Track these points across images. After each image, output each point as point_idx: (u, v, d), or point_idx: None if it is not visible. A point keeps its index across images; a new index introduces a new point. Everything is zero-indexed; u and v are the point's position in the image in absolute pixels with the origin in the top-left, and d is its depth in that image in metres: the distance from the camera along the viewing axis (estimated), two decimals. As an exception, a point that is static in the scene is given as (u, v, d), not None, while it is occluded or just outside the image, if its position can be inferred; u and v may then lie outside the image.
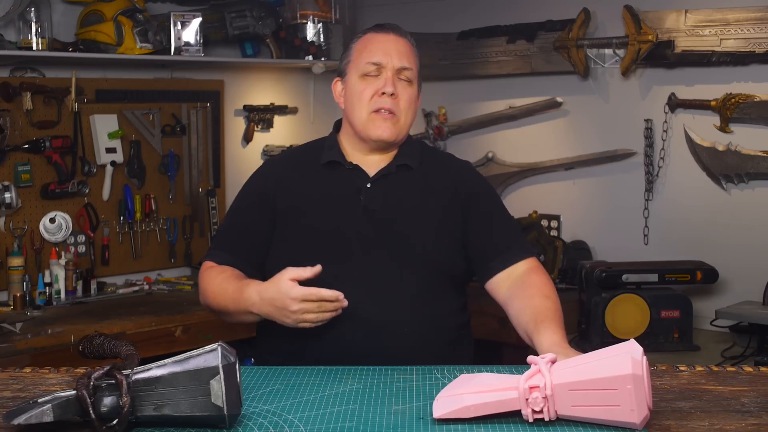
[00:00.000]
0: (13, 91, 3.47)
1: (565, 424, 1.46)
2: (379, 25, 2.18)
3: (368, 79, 2.10)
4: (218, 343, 1.45)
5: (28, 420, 1.40)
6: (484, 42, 4.10)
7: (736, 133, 3.44)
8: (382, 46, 2.11)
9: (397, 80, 2.09)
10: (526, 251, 2.10)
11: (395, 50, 2.10)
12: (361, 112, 2.09)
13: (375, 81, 2.09)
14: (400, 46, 2.12)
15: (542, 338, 1.83)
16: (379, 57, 2.09)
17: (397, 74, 2.10)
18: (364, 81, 2.10)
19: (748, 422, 1.48)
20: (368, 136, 2.10)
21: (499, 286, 2.07)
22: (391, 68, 2.09)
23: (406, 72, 2.10)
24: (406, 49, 2.13)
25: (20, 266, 3.45)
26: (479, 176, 2.24)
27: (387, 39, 2.12)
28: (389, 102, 2.08)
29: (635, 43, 3.57)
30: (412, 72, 2.12)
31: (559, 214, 3.95)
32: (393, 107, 2.08)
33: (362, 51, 2.12)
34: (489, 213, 2.14)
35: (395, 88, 2.08)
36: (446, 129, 4.28)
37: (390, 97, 2.08)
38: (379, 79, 2.09)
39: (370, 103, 2.08)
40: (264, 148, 4.33)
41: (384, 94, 2.07)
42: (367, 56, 2.10)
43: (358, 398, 1.63)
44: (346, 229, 2.06)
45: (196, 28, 3.77)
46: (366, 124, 2.09)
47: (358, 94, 2.10)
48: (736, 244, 3.44)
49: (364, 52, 2.11)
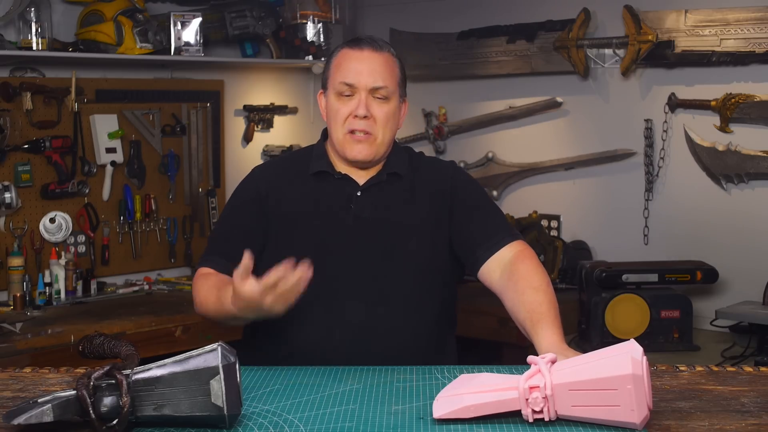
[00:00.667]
0: (13, 91, 3.47)
1: (565, 424, 1.46)
2: (355, 40, 2.13)
3: (343, 99, 2.07)
4: (218, 343, 1.45)
5: (28, 420, 1.40)
6: (484, 42, 4.10)
7: (736, 133, 3.44)
8: (356, 65, 2.06)
9: (372, 99, 2.06)
10: (510, 235, 2.07)
11: (368, 70, 2.06)
12: (337, 131, 2.08)
13: (349, 101, 2.06)
14: (374, 64, 2.07)
15: (541, 339, 1.82)
16: (351, 77, 2.05)
17: (370, 94, 2.06)
18: (339, 100, 2.07)
19: (748, 422, 1.48)
20: (345, 156, 2.09)
21: (490, 274, 2.04)
22: (364, 89, 2.05)
23: (380, 91, 2.06)
24: (381, 65, 2.07)
25: (20, 266, 3.45)
26: (462, 172, 2.22)
27: (361, 57, 2.07)
28: (363, 124, 2.05)
29: (635, 43, 3.57)
30: (388, 89, 2.07)
31: (559, 214, 3.95)
32: (367, 128, 2.05)
33: (338, 69, 2.08)
34: (471, 204, 2.12)
35: (368, 110, 2.05)
36: (446, 129, 4.28)
37: (363, 120, 2.05)
38: (352, 100, 2.06)
39: (345, 123, 2.06)
40: (264, 148, 4.33)
41: (357, 117, 2.05)
42: (341, 76, 2.07)
43: (358, 398, 1.63)
44: (338, 238, 2.06)
45: (196, 28, 3.77)
46: (342, 144, 2.08)
47: (334, 113, 2.08)
48: (736, 244, 3.44)
49: (339, 70, 2.08)
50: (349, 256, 2.05)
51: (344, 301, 2.03)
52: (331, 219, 2.08)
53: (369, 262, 2.05)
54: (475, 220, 2.10)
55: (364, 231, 2.07)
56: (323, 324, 1.99)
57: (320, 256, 2.04)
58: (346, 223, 2.07)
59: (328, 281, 2.02)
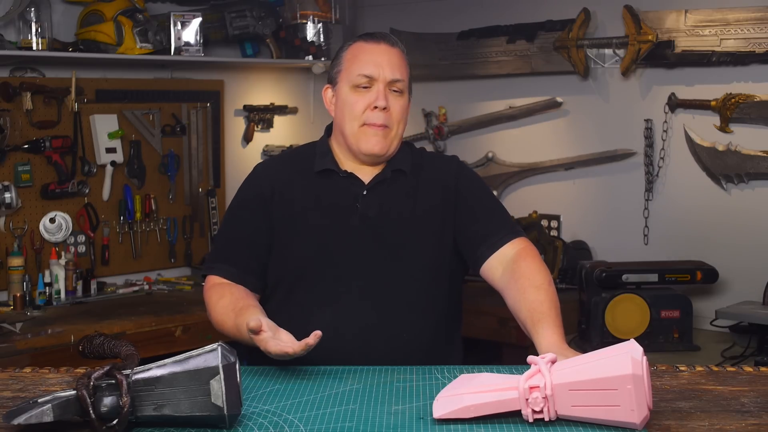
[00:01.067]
0: (13, 91, 3.47)
1: (565, 424, 1.46)
2: (369, 34, 2.14)
3: (360, 91, 2.06)
4: (218, 343, 1.45)
5: (28, 420, 1.40)
6: (484, 42, 4.10)
7: (736, 133, 3.44)
8: (373, 57, 2.07)
9: (389, 92, 2.06)
10: (513, 232, 2.07)
11: (387, 62, 2.07)
12: (352, 124, 2.07)
13: (367, 93, 2.06)
14: (392, 57, 2.08)
15: (541, 339, 1.82)
16: (370, 69, 2.06)
17: (388, 86, 2.06)
18: (356, 93, 2.07)
19: (748, 422, 1.48)
20: (359, 149, 2.08)
21: (492, 272, 2.04)
22: (383, 81, 2.06)
23: (397, 84, 2.07)
24: (398, 59, 2.09)
25: (20, 266, 3.45)
26: (466, 168, 2.22)
27: (378, 50, 2.08)
28: (381, 116, 2.05)
29: (635, 43, 3.57)
30: (404, 83, 2.09)
31: (559, 214, 3.95)
32: (385, 121, 2.06)
33: (353, 61, 2.08)
34: (474, 201, 2.12)
35: (387, 102, 2.05)
36: (446, 129, 4.28)
37: (382, 111, 2.05)
38: (371, 92, 2.06)
39: (362, 116, 2.06)
40: (264, 148, 4.33)
41: (376, 108, 2.05)
42: (358, 68, 2.06)
43: (358, 398, 1.63)
44: (344, 238, 2.06)
45: (196, 28, 3.77)
46: (357, 137, 2.07)
47: (349, 106, 2.07)
48: (736, 244, 3.44)
49: (355, 63, 2.07)
50: (355, 256, 2.05)
51: (351, 301, 2.02)
52: (337, 219, 2.07)
53: (375, 261, 2.05)
54: (478, 217, 2.10)
55: (370, 230, 2.06)
56: (330, 324, 1.98)
57: (326, 256, 2.04)
58: (352, 223, 2.07)
59: (335, 281, 2.02)
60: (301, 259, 2.06)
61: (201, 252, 4.06)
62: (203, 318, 3.28)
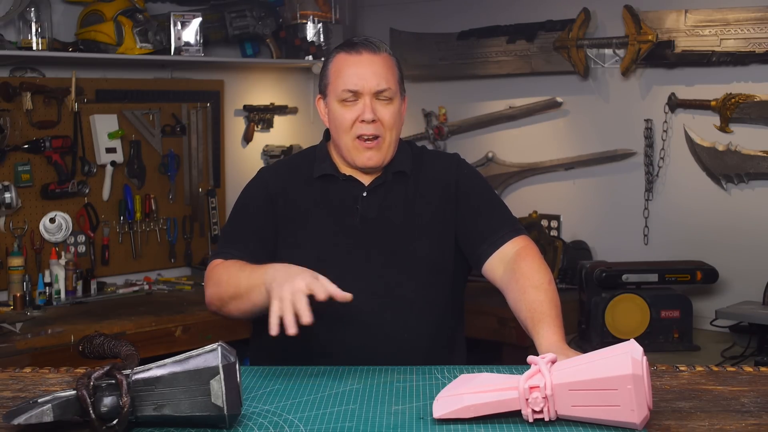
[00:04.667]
0: (13, 91, 3.48)
1: (565, 424, 1.46)
2: (350, 43, 2.10)
3: (347, 105, 2.05)
4: (218, 343, 1.45)
5: (28, 420, 1.40)
6: (484, 42, 4.10)
7: (736, 133, 3.44)
8: (356, 70, 2.04)
9: (376, 102, 2.05)
10: (514, 230, 2.07)
11: (371, 73, 2.04)
12: (345, 138, 2.06)
13: (354, 106, 2.04)
14: (375, 66, 2.05)
15: (541, 339, 1.82)
16: (354, 83, 2.03)
17: (375, 97, 2.05)
18: (344, 107, 2.05)
19: (748, 422, 1.48)
20: (355, 164, 2.08)
21: (493, 271, 2.04)
22: (368, 93, 2.04)
23: (384, 93, 2.05)
24: (382, 66, 2.06)
25: (20, 266, 3.45)
26: (466, 166, 2.21)
27: (360, 61, 2.05)
28: (372, 128, 2.04)
29: (635, 43, 3.57)
30: (391, 90, 2.06)
31: (559, 214, 3.95)
32: (376, 131, 2.05)
33: (337, 76, 2.06)
34: (475, 199, 2.12)
35: (375, 113, 2.04)
36: (446, 129, 4.28)
37: (371, 123, 2.04)
38: (357, 105, 2.04)
39: (352, 129, 2.05)
40: (264, 148, 4.33)
41: (364, 121, 2.04)
42: (342, 83, 2.04)
43: (358, 398, 1.63)
44: (345, 239, 2.06)
45: (196, 28, 3.77)
46: (351, 152, 2.07)
47: (339, 120, 2.06)
48: (736, 244, 3.44)
49: (339, 77, 2.05)
50: (357, 258, 2.05)
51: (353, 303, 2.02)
52: (338, 221, 2.08)
53: (377, 263, 2.05)
54: (479, 215, 2.10)
55: (371, 232, 2.06)
56: (333, 325, 1.98)
57: (328, 258, 2.03)
58: (353, 225, 2.07)
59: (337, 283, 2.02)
60: (302, 260, 2.06)
61: (201, 252, 4.06)
62: (203, 318, 3.32)
